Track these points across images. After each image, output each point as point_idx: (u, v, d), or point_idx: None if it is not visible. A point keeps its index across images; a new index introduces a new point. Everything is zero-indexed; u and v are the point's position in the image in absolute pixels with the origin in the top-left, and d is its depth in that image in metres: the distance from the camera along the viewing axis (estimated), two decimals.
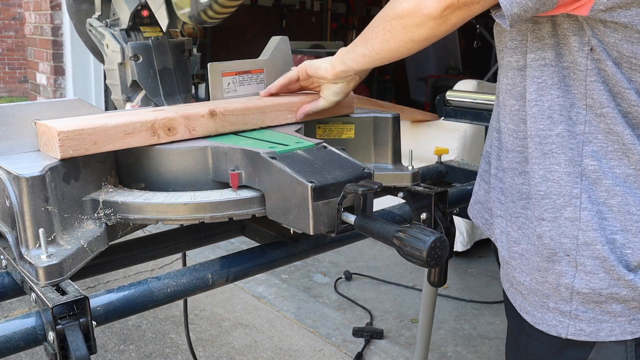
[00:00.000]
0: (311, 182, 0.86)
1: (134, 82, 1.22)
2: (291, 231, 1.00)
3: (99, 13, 1.29)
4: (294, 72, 1.15)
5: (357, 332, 2.71)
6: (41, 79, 4.59)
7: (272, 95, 1.18)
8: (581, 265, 0.88)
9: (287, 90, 1.19)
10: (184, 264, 1.53)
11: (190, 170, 0.99)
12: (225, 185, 0.98)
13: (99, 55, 1.39)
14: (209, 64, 1.15)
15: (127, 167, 1.01)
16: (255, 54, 1.26)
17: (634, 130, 0.85)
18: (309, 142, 1.01)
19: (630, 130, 0.85)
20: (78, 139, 0.90)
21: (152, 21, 1.25)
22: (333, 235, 0.91)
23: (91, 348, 0.78)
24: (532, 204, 0.93)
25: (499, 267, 1.08)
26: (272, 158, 0.91)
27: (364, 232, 0.89)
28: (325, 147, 1.00)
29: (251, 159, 0.94)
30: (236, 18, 6.75)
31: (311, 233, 0.88)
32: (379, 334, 2.72)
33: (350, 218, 0.90)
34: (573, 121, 0.87)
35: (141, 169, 1.00)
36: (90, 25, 1.29)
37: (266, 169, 0.92)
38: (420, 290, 2.88)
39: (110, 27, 1.26)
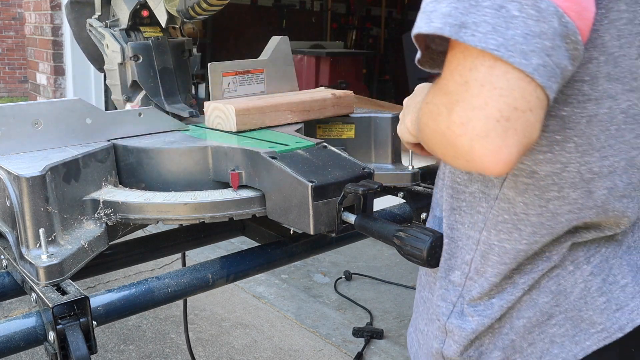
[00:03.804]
0: (311, 181, 0.86)
1: (134, 82, 1.23)
2: (291, 231, 1.00)
3: (99, 13, 1.30)
4: None
5: (357, 332, 2.71)
6: (41, 79, 4.60)
7: None
8: (450, 333, 0.79)
9: None
10: (184, 264, 1.53)
11: (190, 170, 0.99)
12: (225, 185, 0.98)
13: (97, 63, 1.39)
14: (209, 64, 1.15)
15: (128, 167, 1.01)
16: (255, 54, 1.26)
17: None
18: (309, 141, 1.01)
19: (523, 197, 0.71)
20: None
21: (152, 21, 1.25)
22: (333, 235, 0.91)
23: (91, 348, 0.78)
24: None
25: None
26: (272, 158, 0.91)
27: (364, 232, 0.89)
28: (325, 147, 1.00)
29: (251, 158, 0.94)
30: (236, 18, 6.76)
31: (311, 233, 0.88)
32: (379, 334, 2.72)
33: (351, 218, 0.90)
34: (493, 183, 0.73)
35: (141, 168, 1.00)
36: (90, 25, 1.29)
37: (266, 168, 0.92)
38: None
39: (110, 28, 1.26)
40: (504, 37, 0.55)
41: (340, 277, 3.31)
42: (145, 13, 1.23)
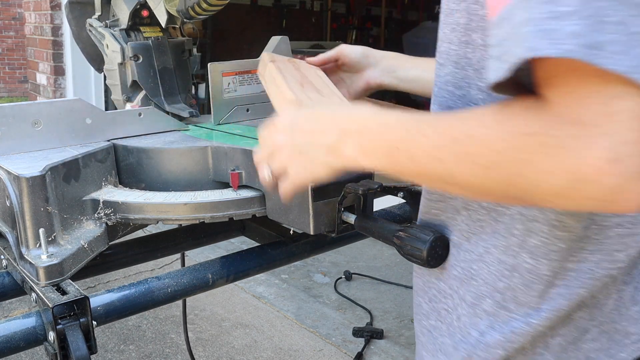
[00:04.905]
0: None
1: (134, 82, 1.22)
2: (291, 231, 1.00)
3: (99, 13, 1.29)
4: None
5: (357, 332, 2.71)
6: (41, 79, 4.60)
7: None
8: None
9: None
10: (183, 264, 1.53)
11: (190, 170, 0.99)
12: (225, 185, 0.98)
13: (95, 63, 1.38)
14: (209, 64, 1.15)
15: (128, 167, 1.01)
16: (255, 54, 1.26)
17: None
18: None
19: None
20: None
21: (152, 21, 1.25)
22: (333, 235, 0.91)
23: (91, 348, 0.77)
24: (463, 275, 0.77)
25: None
26: None
27: (364, 232, 0.89)
28: None
29: (251, 158, 0.94)
30: (236, 18, 6.75)
31: (311, 233, 0.88)
32: (379, 334, 2.72)
33: (351, 218, 0.89)
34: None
35: (141, 169, 1.00)
36: (90, 25, 1.29)
37: None
38: None
39: (110, 28, 1.26)
40: (637, 57, 0.49)
41: (340, 277, 3.31)
42: (145, 13, 1.23)
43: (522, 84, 0.56)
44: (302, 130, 0.73)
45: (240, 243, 1.26)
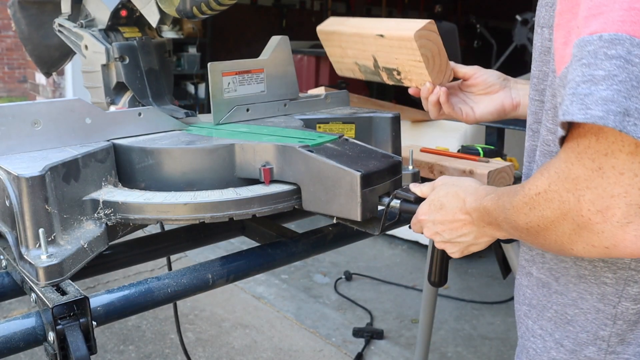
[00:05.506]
0: (358, 170, 0.89)
1: (118, 83, 1.18)
2: (334, 219, 1.00)
3: (69, 13, 1.23)
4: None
5: (357, 333, 2.71)
6: (40, 78, 4.59)
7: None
8: None
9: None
10: (169, 268, 1.53)
11: (216, 168, 0.99)
12: (250, 181, 0.99)
13: (46, 66, 1.33)
14: (209, 64, 1.14)
15: (145, 169, 1.00)
16: (255, 54, 1.26)
17: None
18: (331, 135, 1.02)
19: None
20: None
21: (129, 22, 1.21)
22: (377, 233, 0.97)
23: (91, 348, 0.77)
24: (558, 318, 0.75)
25: (501, 270, 1.06)
26: (310, 151, 0.93)
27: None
28: (347, 140, 1.02)
29: (284, 153, 0.96)
30: (236, 18, 6.75)
31: (359, 219, 0.92)
32: (379, 334, 2.71)
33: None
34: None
35: (162, 170, 0.99)
36: (61, 26, 1.23)
37: (304, 162, 0.93)
38: (421, 290, 2.88)
39: (86, 28, 1.20)
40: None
41: (340, 278, 3.31)
42: (123, 13, 1.19)
43: None
44: (449, 229, 0.84)
45: (240, 243, 1.25)
